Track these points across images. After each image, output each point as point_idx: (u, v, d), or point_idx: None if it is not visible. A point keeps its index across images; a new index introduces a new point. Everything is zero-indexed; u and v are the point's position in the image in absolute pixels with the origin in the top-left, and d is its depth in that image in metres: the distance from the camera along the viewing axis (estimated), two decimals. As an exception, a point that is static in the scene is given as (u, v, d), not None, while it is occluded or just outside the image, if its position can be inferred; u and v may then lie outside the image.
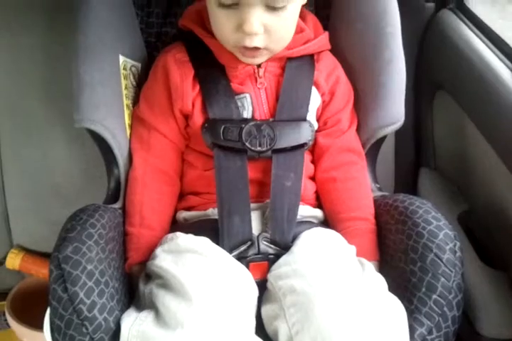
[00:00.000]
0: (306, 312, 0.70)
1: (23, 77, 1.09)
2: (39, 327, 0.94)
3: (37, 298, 0.98)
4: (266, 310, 0.77)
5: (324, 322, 0.68)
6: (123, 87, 0.91)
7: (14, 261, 1.14)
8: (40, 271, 1.12)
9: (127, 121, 0.92)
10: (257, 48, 0.82)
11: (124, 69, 0.92)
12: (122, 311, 0.73)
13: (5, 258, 1.15)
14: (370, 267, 0.79)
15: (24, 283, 1.14)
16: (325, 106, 0.93)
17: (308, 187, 0.91)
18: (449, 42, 1.05)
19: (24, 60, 1.08)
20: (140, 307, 0.74)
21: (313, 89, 0.91)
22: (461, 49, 1.02)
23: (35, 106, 1.10)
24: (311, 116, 0.91)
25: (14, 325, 1.03)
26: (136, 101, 0.95)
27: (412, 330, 0.73)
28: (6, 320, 1.07)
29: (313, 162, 0.93)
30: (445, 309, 0.75)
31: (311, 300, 0.70)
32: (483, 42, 1.01)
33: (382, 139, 0.95)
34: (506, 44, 0.99)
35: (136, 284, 0.80)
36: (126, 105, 0.92)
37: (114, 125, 0.89)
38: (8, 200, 1.15)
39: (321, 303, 0.70)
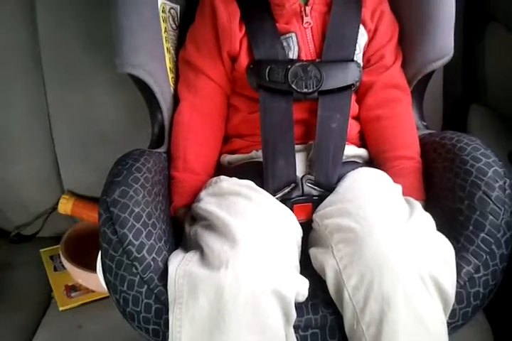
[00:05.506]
0: (355, 247, 0.70)
1: (66, 25, 1.08)
2: (92, 268, 0.98)
3: (89, 241, 1.01)
4: (313, 250, 0.77)
5: (373, 256, 0.68)
6: (163, 30, 0.90)
7: (66, 206, 1.17)
8: (91, 215, 1.15)
9: (168, 64, 0.91)
10: None
11: (163, 11, 0.91)
12: (170, 252, 0.75)
13: (57, 203, 1.18)
14: (418, 206, 0.78)
15: (76, 227, 1.17)
16: (368, 42, 0.89)
17: (352, 127, 0.89)
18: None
19: (65, 8, 1.07)
20: (186, 248, 0.75)
21: (360, 26, 0.88)
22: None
23: (78, 54, 1.09)
24: (358, 55, 0.88)
25: (69, 266, 1.07)
26: (176, 44, 0.94)
27: (458, 268, 0.72)
28: (61, 262, 1.12)
29: (357, 101, 0.91)
30: (493, 247, 0.74)
31: (358, 236, 0.70)
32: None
33: (430, 74, 0.91)
34: None
35: (182, 226, 0.82)
36: (167, 48, 0.91)
37: (156, 69, 0.88)
38: (57, 148, 1.17)
39: (369, 238, 0.69)
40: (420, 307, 0.67)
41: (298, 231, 0.78)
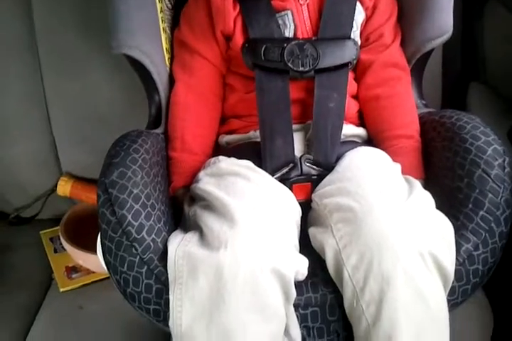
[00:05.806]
0: (354, 227, 0.70)
1: (60, 13, 1.07)
2: (92, 249, 0.98)
3: (88, 223, 1.01)
4: (312, 229, 0.77)
5: (372, 235, 0.68)
6: (158, 10, 0.89)
7: (64, 188, 1.17)
8: (90, 197, 1.14)
9: (164, 45, 0.90)
10: None
11: (159, -9, 0.90)
12: (169, 232, 0.75)
13: (56, 185, 1.18)
14: (417, 184, 0.78)
15: (75, 209, 1.17)
16: (366, 20, 0.89)
17: (351, 106, 0.89)
18: None
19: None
20: (186, 229, 0.75)
21: (358, 4, 0.87)
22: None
23: (73, 40, 1.09)
24: (356, 33, 0.87)
25: (69, 248, 1.07)
26: (172, 24, 0.93)
27: (458, 246, 0.72)
28: (61, 243, 1.12)
29: (356, 79, 0.91)
30: (492, 225, 0.74)
31: (357, 216, 0.70)
32: None
33: (429, 53, 0.91)
34: None
35: (181, 207, 0.82)
36: (163, 28, 0.90)
37: (152, 50, 0.87)
38: (55, 130, 1.17)
39: (369, 217, 0.69)
40: (421, 284, 0.67)
41: (297, 211, 0.78)
